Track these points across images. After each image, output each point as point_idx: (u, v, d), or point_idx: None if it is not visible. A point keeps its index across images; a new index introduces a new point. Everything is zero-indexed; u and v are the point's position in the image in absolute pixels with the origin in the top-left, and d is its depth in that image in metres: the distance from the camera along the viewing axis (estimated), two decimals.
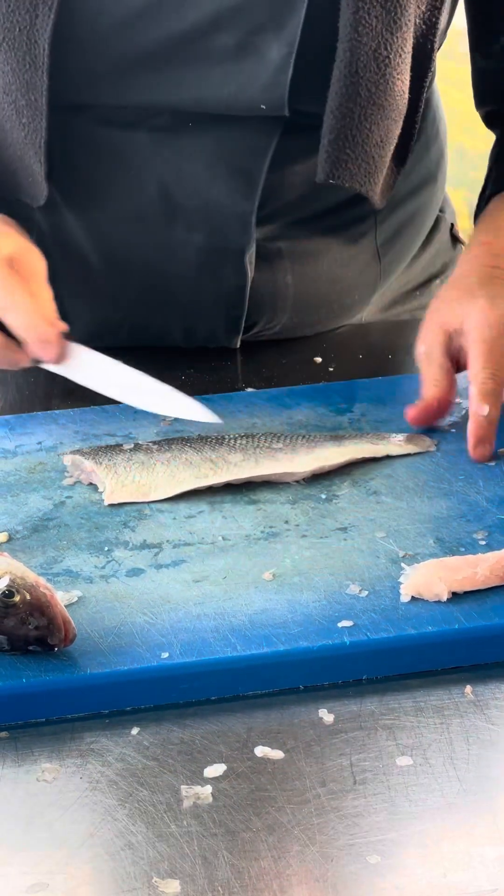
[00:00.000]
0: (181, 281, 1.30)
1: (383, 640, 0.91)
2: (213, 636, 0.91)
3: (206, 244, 1.29)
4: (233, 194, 1.26)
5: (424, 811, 0.80)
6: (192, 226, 1.28)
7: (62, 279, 1.30)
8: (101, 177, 1.28)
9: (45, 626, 0.89)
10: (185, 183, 1.26)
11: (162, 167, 1.26)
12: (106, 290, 1.33)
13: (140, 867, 0.77)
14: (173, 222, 1.28)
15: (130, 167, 1.27)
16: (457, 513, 1.05)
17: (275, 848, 0.78)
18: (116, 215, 1.29)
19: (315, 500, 1.07)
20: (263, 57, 1.18)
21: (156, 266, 1.31)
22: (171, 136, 1.24)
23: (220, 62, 1.19)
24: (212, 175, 1.25)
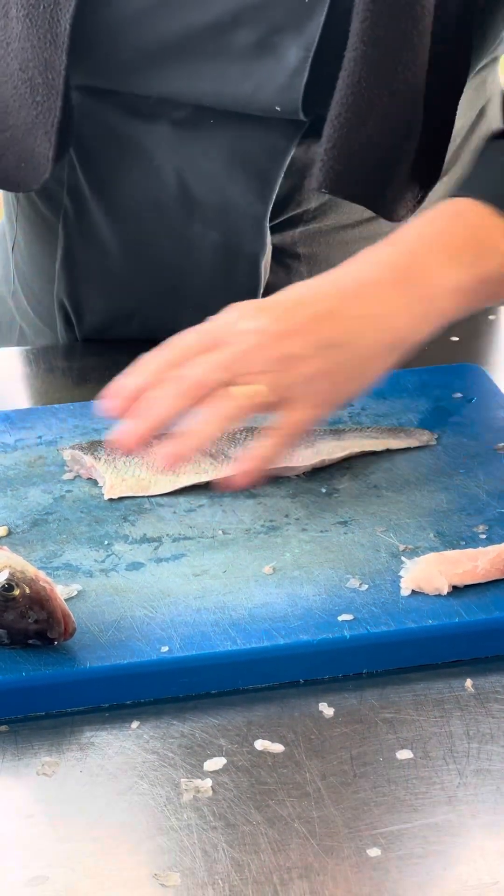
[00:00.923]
0: (195, 278, 1.30)
1: (383, 634, 0.91)
2: (213, 630, 0.91)
3: (221, 243, 1.28)
4: (248, 195, 1.26)
5: (425, 804, 0.80)
6: (208, 223, 1.28)
7: (84, 268, 1.31)
8: (123, 165, 1.28)
9: (45, 619, 0.89)
10: (202, 179, 1.26)
11: (181, 161, 1.26)
12: (122, 280, 1.33)
13: (140, 860, 0.77)
14: (191, 217, 1.28)
15: (151, 158, 1.27)
16: (457, 506, 1.05)
17: (275, 841, 0.78)
18: (136, 205, 1.30)
19: (315, 494, 1.07)
20: (281, 58, 1.17)
21: (171, 260, 1.31)
22: (191, 131, 1.24)
23: (239, 59, 1.18)
24: (228, 173, 1.25)
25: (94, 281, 1.34)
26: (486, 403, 1.19)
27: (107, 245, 1.32)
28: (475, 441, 1.14)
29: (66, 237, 1.34)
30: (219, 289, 1.30)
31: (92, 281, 1.34)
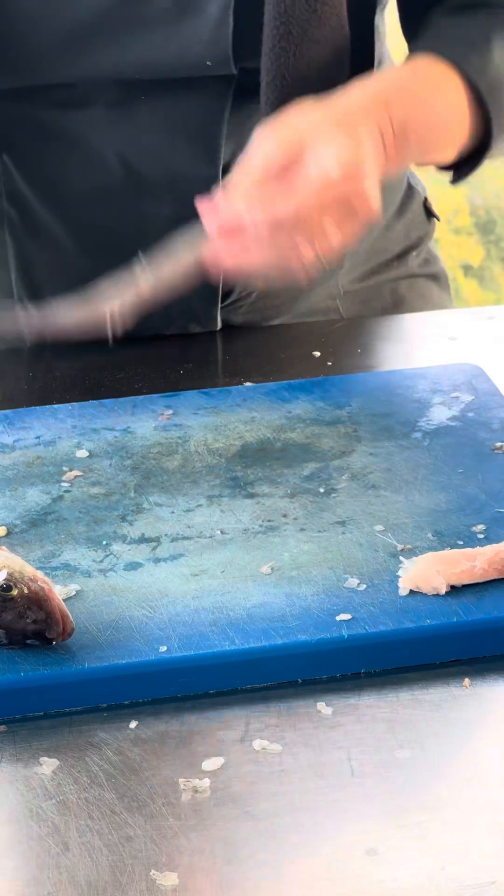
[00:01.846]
0: (153, 254, 1.30)
1: (381, 634, 0.91)
2: (211, 630, 0.91)
3: (174, 215, 1.25)
4: (195, 161, 1.26)
5: (422, 804, 0.80)
6: (159, 198, 1.28)
7: (41, 270, 1.31)
8: (62, 159, 1.28)
9: (43, 619, 0.89)
10: (145, 155, 1.26)
11: (120, 142, 1.26)
12: (82, 275, 1.32)
13: (138, 860, 0.77)
14: (140, 197, 1.28)
15: (89, 146, 1.26)
16: (455, 506, 1.05)
17: (273, 841, 0.78)
18: (83, 196, 1.29)
19: (313, 494, 1.07)
20: (202, 13, 1.18)
21: (127, 243, 1.28)
22: (125, 110, 1.24)
23: (159, 24, 1.19)
24: (171, 143, 1.25)
25: (54, 281, 1.32)
26: (484, 403, 1.19)
27: (60, 242, 1.32)
28: (474, 441, 1.14)
29: (16, 243, 1.33)
30: None
31: (52, 282, 1.32)
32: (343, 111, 1.07)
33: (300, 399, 1.22)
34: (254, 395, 1.23)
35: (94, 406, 1.21)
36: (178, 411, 1.20)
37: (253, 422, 1.18)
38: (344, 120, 1.06)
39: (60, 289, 1.32)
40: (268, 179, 1.04)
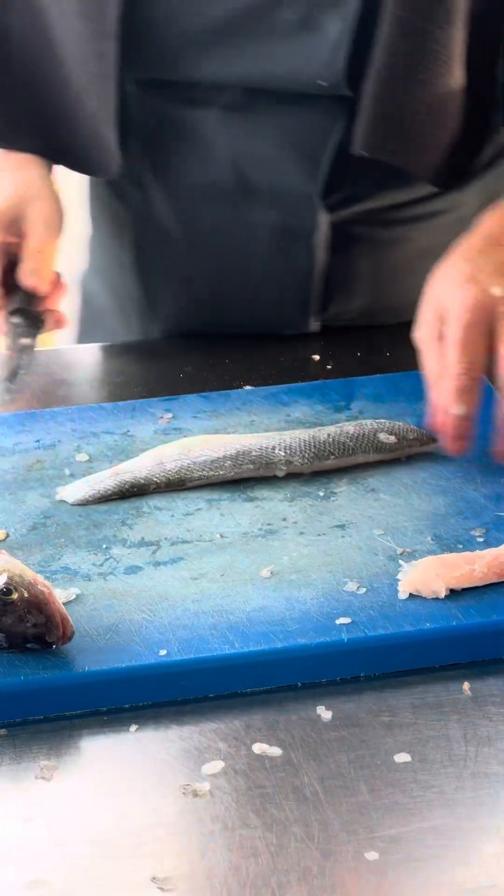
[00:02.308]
0: (256, 259, 1.33)
1: (381, 637, 0.91)
2: (211, 633, 0.91)
3: (278, 223, 1.31)
4: (299, 174, 1.28)
5: (422, 808, 0.80)
6: (265, 205, 1.31)
7: (153, 257, 1.37)
8: (181, 152, 1.32)
9: (44, 623, 0.89)
10: (254, 161, 1.29)
11: (234, 145, 1.29)
12: (188, 268, 1.37)
13: (139, 864, 0.77)
14: (248, 201, 1.31)
15: (206, 144, 1.30)
16: (454, 510, 1.05)
17: (273, 844, 0.78)
18: (196, 192, 1.33)
19: (313, 498, 1.07)
20: (323, 33, 1.20)
21: (232, 244, 1.34)
22: (241, 115, 1.27)
23: (284, 37, 1.21)
24: (279, 154, 1.28)
25: (163, 272, 1.38)
26: (483, 407, 1.19)
27: (171, 234, 1.36)
28: (473, 445, 1.14)
29: (135, 229, 1.38)
30: (277, 271, 1.33)
31: (161, 273, 1.38)
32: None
33: (299, 402, 1.22)
34: (253, 399, 1.23)
35: (94, 409, 1.21)
36: (178, 415, 1.20)
37: (252, 425, 1.18)
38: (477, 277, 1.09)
39: (166, 280, 1.38)
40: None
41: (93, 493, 1.08)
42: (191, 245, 1.35)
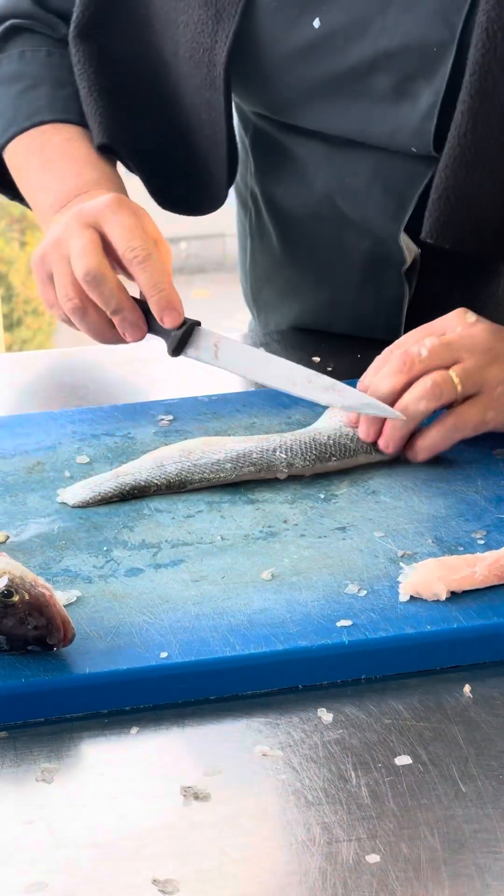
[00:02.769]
0: (349, 284, 1.36)
1: (382, 640, 0.91)
2: (211, 636, 0.91)
3: (370, 251, 1.34)
4: (384, 214, 1.31)
5: (424, 810, 0.80)
6: (356, 232, 1.34)
7: (259, 267, 1.45)
8: (284, 176, 1.36)
9: (44, 625, 0.89)
10: (346, 195, 1.32)
11: (329, 176, 1.32)
12: (291, 281, 1.43)
13: (140, 866, 0.77)
14: (342, 226, 1.34)
15: (305, 172, 1.34)
16: (455, 512, 1.05)
17: (274, 847, 0.78)
18: (296, 214, 1.38)
19: (313, 500, 1.07)
20: (415, 104, 1.22)
21: (329, 265, 1.38)
22: (340, 151, 1.30)
23: (379, 102, 1.24)
24: (368, 191, 1.31)
25: (268, 281, 1.44)
26: None
27: (276, 249, 1.42)
28: (474, 447, 1.14)
29: (250, 238, 1.45)
30: (369, 296, 1.35)
31: (267, 281, 1.44)
32: None
33: (300, 404, 1.22)
34: (254, 401, 1.23)
35: (94, 411, 1.21)
36: (178, 417, 1.20)
37: (253, 427, 1.18)
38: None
39: (271, 290, 1.45)
40: None
41: (93, 495, 1.08)
42: (291, 259, 1.41)
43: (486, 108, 1.16)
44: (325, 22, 1.22)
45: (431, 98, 1.21)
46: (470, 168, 1.19)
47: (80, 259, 1.16)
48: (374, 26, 1.21)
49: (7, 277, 4.16)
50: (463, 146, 1.18)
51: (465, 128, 1.17)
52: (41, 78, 1.34)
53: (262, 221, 1.43)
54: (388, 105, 1.23)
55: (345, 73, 1.24)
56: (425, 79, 1.21)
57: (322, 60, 1.24)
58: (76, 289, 1.18)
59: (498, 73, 1.15)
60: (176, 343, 1.18)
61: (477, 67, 1.15)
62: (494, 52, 1.15)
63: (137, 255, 1.17)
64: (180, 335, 1.18)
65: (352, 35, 1.22)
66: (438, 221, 1.21)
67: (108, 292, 1.17)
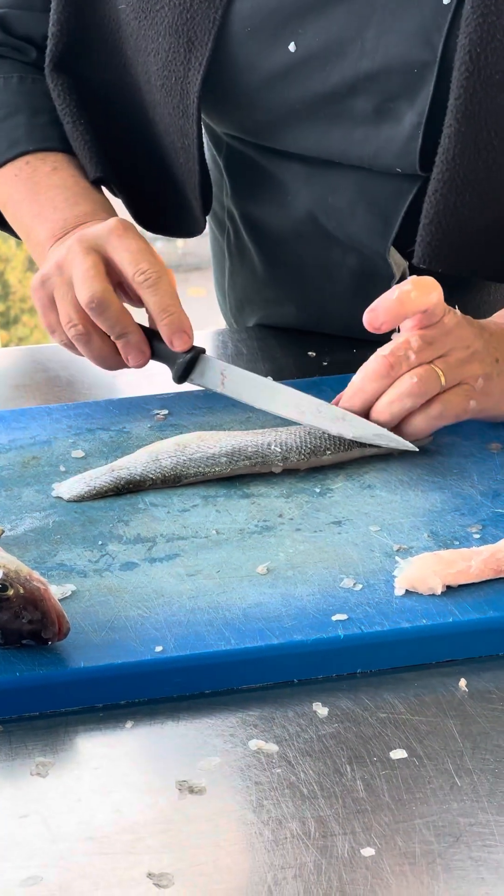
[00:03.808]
0: (337, 299, 1.35)
1: (377, 634, 0.91)
2: (207, 630, 0.91)
3: (358, 267, 1.33)
4: (370, 233, 1.29)
5: (419, 804, 0.80)
6: (342, 249, 1.32)
7: (240, 286, 1.43)
8: (263, 197, 1.35)
9: (39, 619, 0.89)
10: (329, 214, 1.31)
11: (310, 195, 1.31)
12: (270, 299, 1.41)
13: (135, 860, 0.77)
14: (327, 244, 1.33)
15: (286, 192, 1.32)
16: (451, 506, 1.05)
17: (269, 841, 0.78)
18: (277, 234, 1.36)
19: (309, 494, 1.07)
20: (398, 123, 1.21)
21: (315, 282, 1.36)
22: (320, 171, 1.29)
23: (360, 124, 1.22)
24: (352, 211, 1.29)
25: (249, 302, 1.43)
26: None
27: (257, 269, 1.40)
28: (469, 441, 1.14)
29: (230, 259, 1.44)
30: (360, 312, 1.33)
31: (248, 302, 1.43)
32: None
33: None
34: None
35: (90, 406, 1.21)
36: (174, 411, 1.20)
37: (248, 421, 1.18)
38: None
39: (253, 304, 1.43)
40: None
41: (88, 489, 1.08)
42: (272, 277, 1.39)
43: (472, 131, 1.16)
44: (302, 45, 1.20)
45: (415, 118, 1.19)
46: (460, 192, 1.18)
47: (84, 284, 1.15)
48: (353, 48, 1.19)
49: (4, 275, 4.16)
50: (451, 170, 1.17)
51: (452, 152, 1.16)
52: (16, 106, 1.31)
53: (242, 242, 1.41)
54: (369, 127, 1.22)
55: (324, 95, 1.22)
56: (407, 99, 1.19)
57: (300, 84, 1.22)
58: (80, 314, 1.17)
59: (483, 95, 1.14)
60: (182, 370, 1.17)
61: (462, 91, 1.14)
62: (479, 75, 1.14)
63: (148, 278, 1.15)
64: (186, 361, 1.17)
65: (329, 58, 1.20)
66: (430, 246, 1.20)
67: (114, 317, 1.16)
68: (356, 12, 1.18)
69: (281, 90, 1.23)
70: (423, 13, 1.16)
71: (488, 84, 1.14)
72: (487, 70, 1.13)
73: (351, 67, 1.20)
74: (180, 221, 1.34)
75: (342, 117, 1.22)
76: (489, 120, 1.15)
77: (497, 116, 1.15)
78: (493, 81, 1.14)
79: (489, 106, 1.15)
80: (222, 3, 1.20)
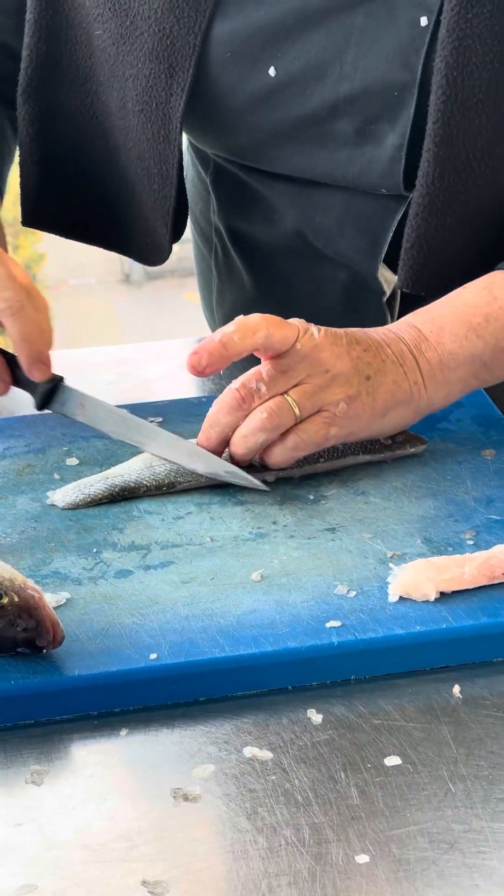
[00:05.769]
0: (329, 315, 1.34)
1: (371, 640, 0.91)
2: (201, 637, 0.91)
3: (348, 283, 1.33)
4: (358, 251, 1.29)
5: (413, 810, 0.80)
6: (331, 266, 1.32)
7: (229, 303, 1.43)
8: (250, 215, 1.35)
9: (34, 627, 0.89)
10: (317, 232, 1.30)
11: (297, 215, 1.31)
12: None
13: (130, 868, 0.77)
14: (317, 261, 1.33)
15: (274, 210, 1.32)
16: (444, 513, 1.05)
17: (264, 848, 0.78)
18: (265, 251, 1.36)
19: (303, 501, 1.07)
20: (381, 145, 1.20)
21: (305, 300, 1.36)
22: (307, 190, 1.29)
23: (343, 146, 1.22)
24: (339, 229, 1.29)
25: (237, 314, 1.39)
26: (473, 409, 1.20)
27: (246, 285, 1.40)
28: (463, 447, 1.14)
29: (217, 275, 1.43)
30: (350, 324, 1.33)
31: (235, 314, 1.39)
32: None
33: None
34: None
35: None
36: (168, 418, 1.20)
37: None
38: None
39: None
40: None
41: (83, 497, 1.08)
42: (261, 293, 1.39)
43: (450, 155, 1.15)
44: (281, 70, 1.20)
45: (397, 140, 1.19)
46: (440, 215, 1.18)
47: None
48: (332, 71, 1.18)
49: None
50: (432, 194, 1.17)
51: (432, 176, 1.16)
52: None
53: (230, 258, 1.41)
54: (352, 148, 1.21)
55: (305, 118, 1.21)
56: (389, 121, 1.19)
57: (281, 107, 1.22)
58: None
59: (460, 118, 1.14)
60: (42, 398, 1.17)
61: (439, 115, 1.14)
62: (455, 98, 1.13)
63: (11, 306, 1.13)
64: (46, 390, 1.17)
65: (309, 81, 1.19)
66: (413, 270, 1.20)
67: None
68: (334, 35, 1.17)
69: (263, 113, 1.22)
70: (401, 35, 1.16)
71: (465, 107, 1.14)
72: (464, 93, 1.13)
73: (331, 90, 1.19)
74: (145, 249, 1.33)
75: (325, 139, 1.22)
76: (467, 143, 1.15)
77: (475, 139, 1.15)
78: (469, 105, 1.13)
79: (467, 129, 1.14)
80: (201, 29, 1.19)
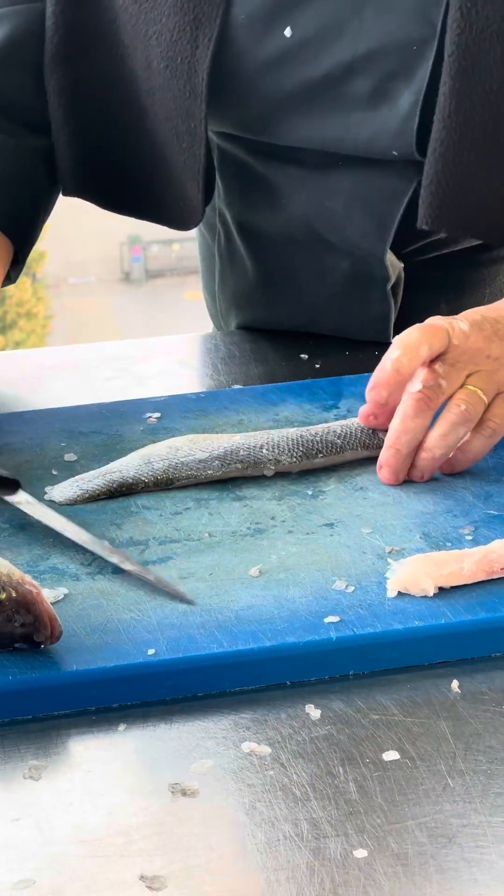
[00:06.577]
0: (331, 305, 1.34)
1: (370, 636, 0.91)
2: (199, 632, 0.91)
3: (352, 272, 1.32)
4: (367, 236, 1.29)
5: (411, 805, 0.80)
6: (337, 255, 1.32)
7: (231, 290, 1.43)
8: (257, 202, 1.35)
9: (32, 623, 0.89)
10: (324, 218, 1.30)
11: (305, 201, 1.31)
12: (265, 307, 1.41)
13: (128, 863, 0.77)
14: (321, 249, 1.33)
15: (280, 197, 1.32)
16: (443, 508, 1.05)
17: (262, 843, 0.78)
18: (270, 239, 1.36)
19: (301, 496, 1.07)
20: (394, 105, 1.21)
21: (308, 287, 1.36)
22: (316, 173, 1.29)
23: (357, 107, 1.22)
24: (348, 214, 1.29)
25: (241, 307, 1.42)
26: None
27: (249, 271, 1.40)
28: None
29: (220, 262, 1.43)
30: (354, 314, 1.34)
31: (240, 307, 1.42)
32: None
33: (288, 401, 1.22)
34: (242, 398, 1.23)
35: (82, 409, 1.21)
36: (166, 414, 1.20)
37: (241, 424, 1.18)
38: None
39: (244, 315, 1.42)
40: None
41: (81, 492, 1.08)
42: (267, 285, 1.39)
43: (467, 87, 1.15)
44: (297, 30, 1.20)
45: (412, 97, 1.19)
46: (458, 149, 1.18)
47: None
48: (350, 29, 1.19)
49: None
50: (448, 128, 1.17)
51: (448, 109, 1.16)
52: None
53: (233, 245, 1.41)
54: (366, 109, 1.22)
55: (319, 80, 1.22)
56: (405, 79, 1.19)
57: (295, 70, 1.22)
58: None
59: (476, 50, 1.14)
60: None
61: (455, 48, 1.14)
62: (471, 29, 1.13)
63: None
64: None
65: (326, 41, 1.20)
66: (432, 207, 1.20)
67: None
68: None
69: (277, 77, 1.23)
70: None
71: (481, 39, 1.14)
72: (480, 23, 1.13)
73: (348, 49, 1.20)
74: (179, 212, 1.33)
75: (337, 102, 1.22)
76: (484, 74, 1.15)
77: (492, 71, 1.15)
78: (485, 36, 1.14)
79: (483, 60, 1.14)
80: None
